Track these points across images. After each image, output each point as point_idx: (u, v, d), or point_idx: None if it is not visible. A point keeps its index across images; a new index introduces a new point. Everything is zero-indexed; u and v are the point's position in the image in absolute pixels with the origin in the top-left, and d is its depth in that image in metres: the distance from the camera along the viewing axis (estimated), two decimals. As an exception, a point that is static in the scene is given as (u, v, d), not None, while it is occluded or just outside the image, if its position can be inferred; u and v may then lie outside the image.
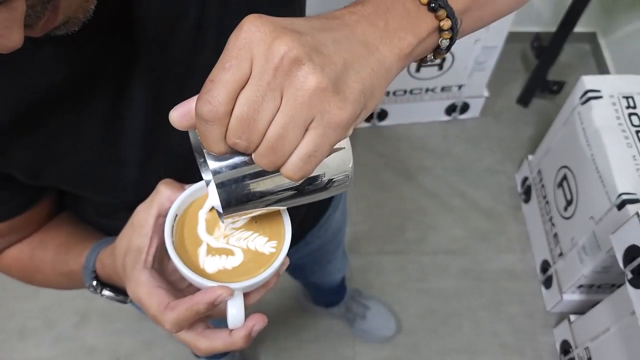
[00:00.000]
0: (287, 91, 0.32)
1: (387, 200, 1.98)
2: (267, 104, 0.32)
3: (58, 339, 1.73)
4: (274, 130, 0.33)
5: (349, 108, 0.33)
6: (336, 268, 1.26)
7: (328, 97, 0.32)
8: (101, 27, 0.43)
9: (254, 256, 0.46)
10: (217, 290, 0.42)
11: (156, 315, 0.44)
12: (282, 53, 0.31)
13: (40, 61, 0.44)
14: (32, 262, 0.63)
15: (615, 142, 1.38)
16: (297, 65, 0.32)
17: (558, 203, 1.65)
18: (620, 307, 1.31)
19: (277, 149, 0.33)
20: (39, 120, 0.48)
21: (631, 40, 2.10)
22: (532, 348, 1.71)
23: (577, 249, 1.52)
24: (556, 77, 2.06)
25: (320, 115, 0.33)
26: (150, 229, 0.47)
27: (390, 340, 1.72)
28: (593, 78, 1.49)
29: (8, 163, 0.50)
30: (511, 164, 2.05)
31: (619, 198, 1.30)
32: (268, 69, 0.32)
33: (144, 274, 0.46)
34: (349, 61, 0.34)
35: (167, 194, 0.47)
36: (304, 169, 0.34)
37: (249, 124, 0.33)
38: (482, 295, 1.81)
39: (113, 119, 0.50)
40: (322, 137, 0.33)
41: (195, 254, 0.46)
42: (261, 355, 1.71)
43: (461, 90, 1.99)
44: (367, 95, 0.35)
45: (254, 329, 0.46)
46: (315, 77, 0.32)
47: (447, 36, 0.40)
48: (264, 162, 0.34)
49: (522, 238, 1.89)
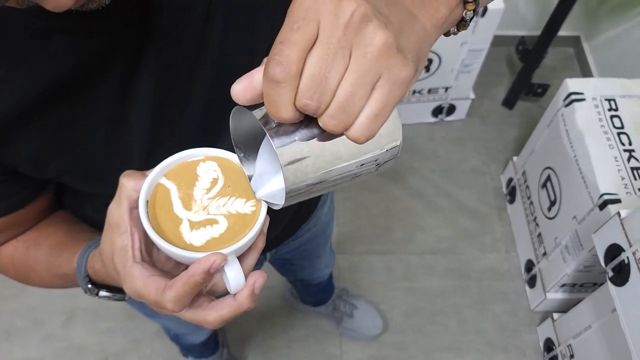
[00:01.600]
0: (357, 47, 0.32)
1: (375, 200, 2.00)
2: (337, 61, 0.32)
3: (46, 338, 1.73)
4: (345, 88, 0.33)
5: (411, 66, 0.33)
6: (324, 263, 1.28)
7: (394, 53, 0.32)
8: (113, 16, 0.44)
9: (238, 219, 0.46)
10: (210, 258, 0.42)
11: (156, 299, 0.44)
12: (352, 9, 0.31)
13: (48, 51, 0.44)
14: (27, 262, 0.63)
15: (597, 144, 1.41)
16: (366, 21, 0.32)
17: (542, 203, 1.68)
18: (601, 305, 1.34)
19: (347, 107, 0.33)
20: (46, 112, 0.48)
21: (614, 44, 2.14)
22: (516, 346, 1.74)
23: (560, 248, 1.55)
24: (541, 80, 2.10)
25: (387, 71, 0.33)
26: (127, 224, 0.46)
27: (377, 338, 1.74)
28: (576, 81, 1.52)
29: (14, 154, 0.50)
30: (496, 165, 2.08)
31: (601, 198, 1.33)
32: (338, 26, 0.32)
33: (136, 268, 0.45)
34: (402, 23, 0.34)
35: (132, 184, 0.46)
36: (370, 128, 0.34)
37: (320, 83, 0.32)
38: (468, 294, 1.84)
39: (120, 110, 0.51)
40: (388, 94, 0.33)
41: (178, 233, 0.45)
42: (249, 355, 1.72)
43: (448, 92, 2.02)
44: (419, 58, 0.35)
45: (255, 286, 0.45)
46: (383, 33, 0.32)
47: (471, 7, 0.41)
48: (332, 124, 0.34)
49: (507, 238, 1.92)
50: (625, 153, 1.40)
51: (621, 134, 1.43)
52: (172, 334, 1.34)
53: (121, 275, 0.47)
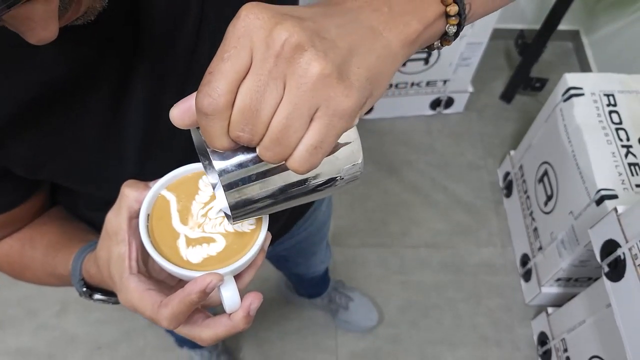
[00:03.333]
0: (290, 79, 0.31)
1: (371, 194, 1.99)
2: (269, 93, 0.31)
3: (39, 328, 1.72)
4: (278, 121, 0.31)
5: (354, 95, 0.31)
6: (320, 260, 1.27)
7: (333, 84, 0.31)
8: (106, 22, 0.43)
9: (236, 237, 0.46)
10: (207, 278, 0.41)
11: (152, 316, 0.44)
12: (283, 39, 0.30)
13: (41, 57, 0.43)
14: (22, 260, 0.62)
15: (595, 139, 1.41)
16: (300, 51, 0.30)
17: (538, 198, 1.68)
18: (596, 300, 1.34)
19: (282, 140, 0.32)
20: (39, 116, 0.47)
21: (613, 38, 2.14)
22: (510, 340, 1.74)
23: (556, 243, 1.55)
24: (539, 74, 2.09)
25: (325, 103, 0.31)
26: (126, 234, 0.46)
27: (372, 331, 1.74)
28: (575, 76, 1.51)
29: (6, 157, 0.50)
30: (493, 159, 2.08)
31: (598, 194, 1.33)
32: (269, 57, 0.30)
33: (132, 280, 0.45)
34: (354, 46, 0.32)
35: (134, 195, 0.46)
36: (310, 161, 0.33)
37: (251, 115, 0.31)
38: (463, 288, 1.84)
39: (113, 114, 0.50)
40: (327, 126, 0.32)
41: (175, 248, 0.45)
42: (243, 347, 1.72)
43: (446, 85, 2.01)
44: (374, 82, 0.33)
45: (251, 308, 0.45)
46: (318, 63, 0.30)
47: (454, 22, 0.38)
48: (269, 155, 0.33)
49: (502, 232, 1.92)
50: (623, 149, 1.40)
51: (619, 130, 1.43)
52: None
53: (117, 284, 0.47)
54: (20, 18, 0.33)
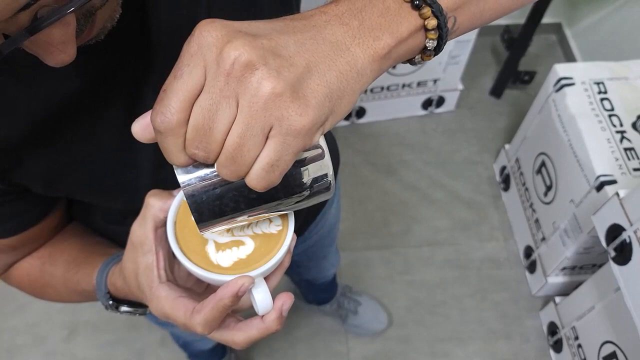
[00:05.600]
0: (242, 98, 0.30)
1: (370, 196, 2.00)
2: (222, 112, 0.31)
3: (48, 354, 1.70)
4: (232, 140, 0.31)
5: (310, 114, 0.31)
6: (330, 263, 1.28)
7: (286, 103, 0.30)
8: (117, 36, 0.44)
9: (264, 239, 0.46)
10: (239, 281, 0.42)
11: (185, 322, 0.44)
12: (232, 58, 0.30)
13: (56, 71, 0.44)
14: (43, 278, 0.62)
15: (590, 127, 1.43)
16: (250, 70, 0.30)
17: (538, 189, 1.70)
18: (604, 286, 1.36)
19: (237, 158, 0.32)
20: (55, 131, 0.48)
21: (595, 29, 2.17)
22: (519, 332, 1.75)
23: (559, 232, 1.57)
24: (526, 68, 2.12)
25: (278, 122, 0.31)
26: (152, 243, 0.46)
27: (382, 333, 1.74)
28: (565, 66, 1.54)
29: (24, 175, 0.50)
30: (488, 154, 2.10)
31: (597, 180, 1.35)
32: (219, 76, 0.30)
33: (163, 289, 0.45)
34: (313, 63, 0.32)
35: (159, 205, 0.46)
36: (267, 179, 0.33)
37: (204, 134, 0.31)
38: (468, 284, 1.85)
39: (127, 126, 0.50)
40: (282, 145, 0.31)
41: (205, 253, 0.45)
42: (254, 356, 1.71)
43: (436, 84, 2.03)
44: (335, 99, 0.32)
45: (283, 309, 0.45)
46: (269, 82, 0.30)
47: (434, 36, 0.36)
48: (225, 173, 0.33)
49: (504, 226, 1.94)
50: (618, 134, 1.42)
51: (612, 116, 1.45)
52: (181, 342, 1.33)
53: (147, 295, 0.47)
54: (40, 43, 0.33)
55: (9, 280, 0.65)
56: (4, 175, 0.50)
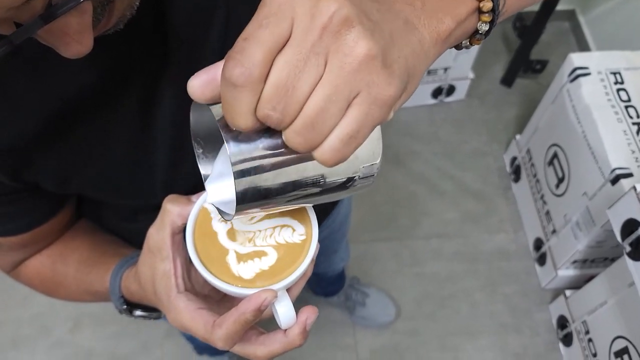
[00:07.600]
0: (334, 56, 0.27)
1: (378, 187, 1.97)
2: (309, 69, 0.27)
3: (54, 345, 1.70)
4: (315, 103, 0.28)
5: (396, 84, 0.28)
6: (340, 257, 1.26)
7: (377, 68, 0.28)
8: (134, 28, 0.42)
9: (288, 249, 0.44)
10: (262, 295, 0.40)
11: (205, 336, 0.43)
12: (332, 11, 0.27)
13: (69, 64, 0.42)
14: (55, 277, 0.61)
15: (605, 118, 1.39)
16: (348, 26, 0.27)
17: (549, 181, 1.67)
18: (617, 280, 1.33)
19: (315, 124, 0.28)
20: (68, 128, 0.46)
21: (610, 16, 2.12)
22: (528, 326, 1.73)
23: (570, 225, 1.54)
24: (538, 57, 2.07)
25: (367, 88, 0.28)
26: (170, 250, 0.45)
27: (390, 326, 1.72)
28: (580, 55, 1.50)
29: (35, 172, 0.49)
30: (498, 145, 2.06)
31: (613, 173, 1.31)
32: (314, 28, 0.27)
33: (181, 299, 0.44)
34: (395, 34, 0.30)
35: (177, 210, 0.45)
36: (342, 152, 0.29)
37: (286, 93, 0.28)
38: (477, 276, 1.82)
39: (142, 121, 0.49)
40: (366, 115, 0.28)
41: (225, 264, 0.43)
42: (261, 349, 1.70)
43: (447, 72, 1.99)
44: (409, 76, 0.30)
45: (307, 323, 0.43)
46: (366, 43, 0.27)
47: (487, 19, 0.36)
48: (297, 142, 0.29)
49: (513, 218, 1.91)
50: (634, 126, 1.38)
51: (629, 107, 1.41)
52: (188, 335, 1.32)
53: (164, 303, 0.46)
54: (55, 32, 0.32)
55: (18, 277, 0.64)
56: (14, 173, 0.49)
